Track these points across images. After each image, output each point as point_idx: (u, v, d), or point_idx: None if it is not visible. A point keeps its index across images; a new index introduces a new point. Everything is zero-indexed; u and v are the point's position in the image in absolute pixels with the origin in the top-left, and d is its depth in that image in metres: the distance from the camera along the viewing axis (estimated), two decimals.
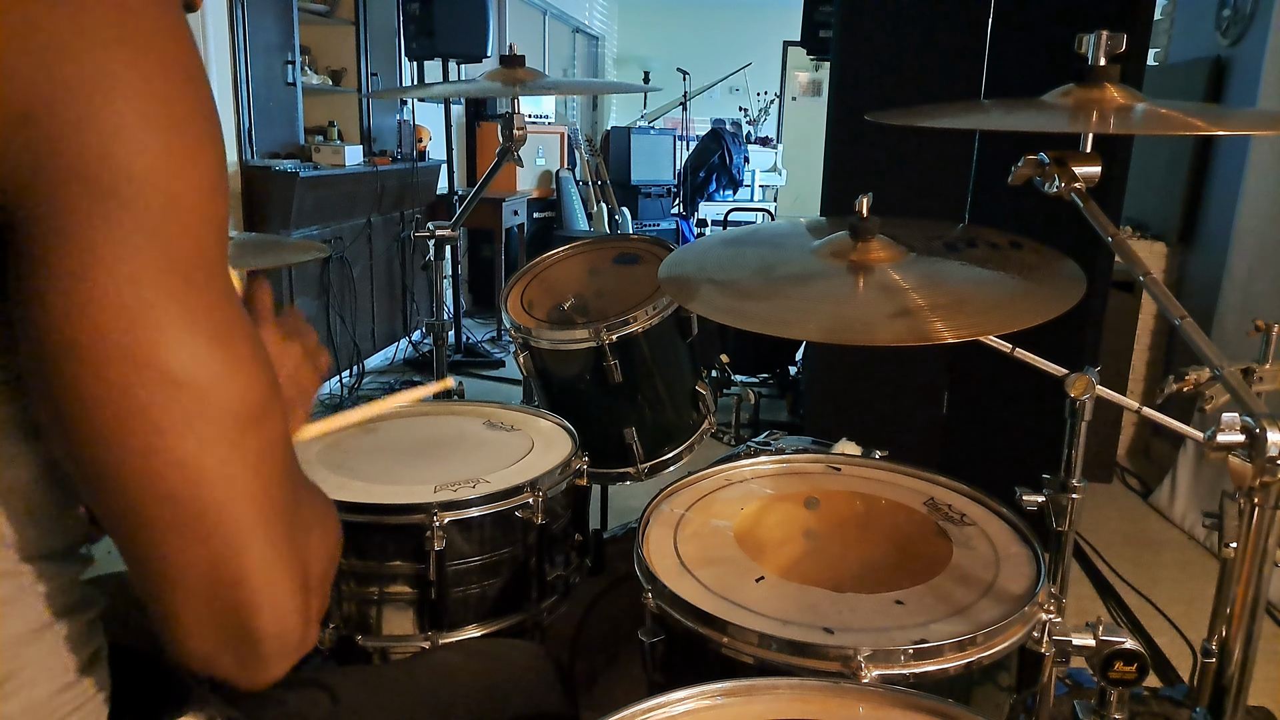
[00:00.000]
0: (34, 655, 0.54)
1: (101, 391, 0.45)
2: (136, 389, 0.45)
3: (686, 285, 1.13)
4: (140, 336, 0.45)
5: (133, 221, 0.44)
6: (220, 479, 0.48)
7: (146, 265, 0.45)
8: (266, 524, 0.50)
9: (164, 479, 0.46)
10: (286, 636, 0.52)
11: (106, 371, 0.44)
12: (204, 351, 0.47)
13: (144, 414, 0.45)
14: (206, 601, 0.50)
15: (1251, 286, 2.69)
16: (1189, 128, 0.94)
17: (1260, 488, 0.79)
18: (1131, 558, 2.54)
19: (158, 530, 0.48)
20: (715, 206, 7.64)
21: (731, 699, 0.72)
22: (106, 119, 0.43)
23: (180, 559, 0.48)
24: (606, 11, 9.27)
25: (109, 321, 0.44)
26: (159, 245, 0.45)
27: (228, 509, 0.48)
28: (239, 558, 0.49)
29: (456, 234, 1.90)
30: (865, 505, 1.19)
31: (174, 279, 0.46)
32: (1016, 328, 0.91)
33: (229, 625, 0.50)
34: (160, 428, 0.46)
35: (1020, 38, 2.30)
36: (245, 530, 0.49)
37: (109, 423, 0.45)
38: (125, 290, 0.44)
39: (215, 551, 0.48)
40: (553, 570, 1.32)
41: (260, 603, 0.50)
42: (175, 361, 0.46)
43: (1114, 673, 0.88)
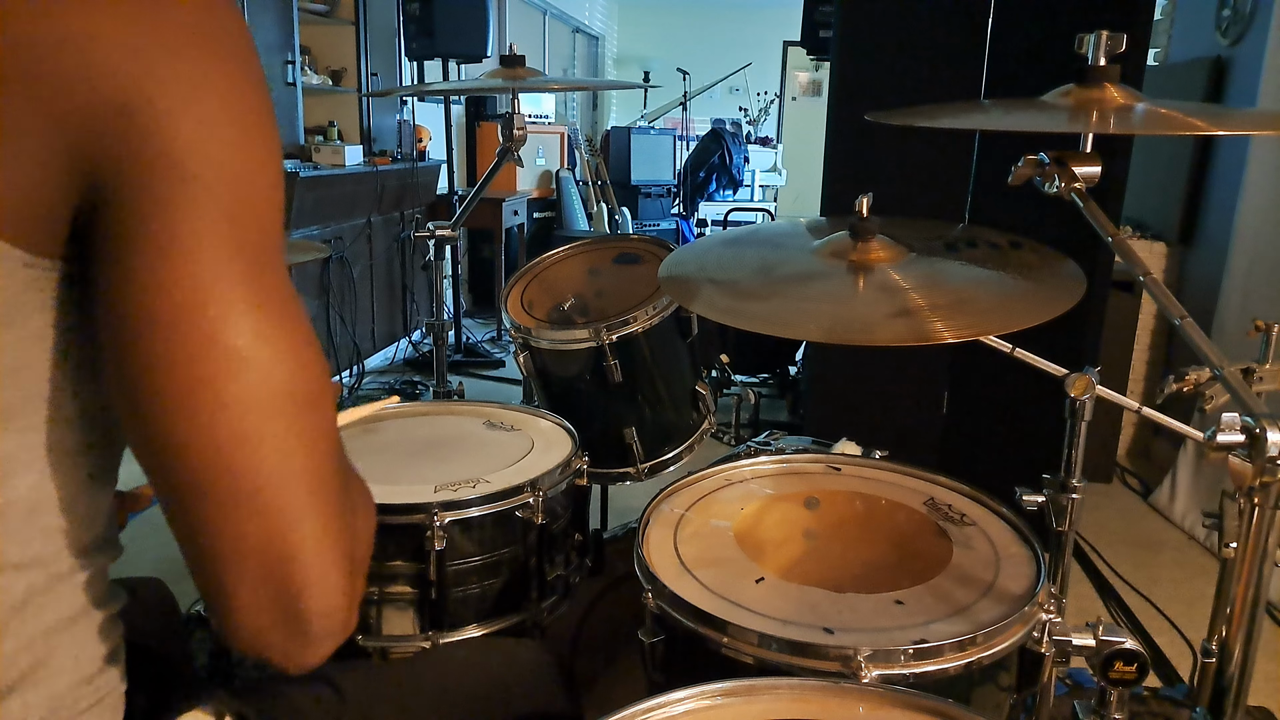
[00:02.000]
0: (63, 645, 0.56)
1: (174, 362, 0.48)
2: (205, 361, 0.48)
3: (686, 285, 1.13)
4: (213, 312, 0.48)
5: (212, 206, 0.48)
6: (277, 454, 0.50)
7: (221, 247, 0.48)
8: (318, 503, 0.52)
9: (225, 452, 0.49)
10: (334, 615, 0.53)
11: (180, 343, 0.47)
12: (268, 331, 0.49)
13: (211, 386, 0.48)
14: (259, 577, 0.51)
15: (1251, 286, 2.69)
16: (1189, 128, 0.94)
17: (1260, 488, 0.79)
18: (1131, 558, 2.54)
19: (215, 503, 0.50)
20: (715, 206, 7.64)
21: (731, 699, 0.72)
22: (196, 113, 0.47)
23: (235, 533, 0.50)
24: (606, 11, 9.26)
25: (186, 297, 0.47)
26: (233, 230, 0.49)
27: (284, 485, 0.50)
28: (292, 534, 0.51)
29: (456, 234, 1.90)
30: (865, 505, 1.19)
31: (244, 262, 0.49)
32: (1016, 328, 0.91)
33: (279, 601, 0.52)
34: (224, 401, 0.48)
35: (1020, 38, 2.30)
36: (299, 507, 0.51)
37: (178, 393, 0.48)
38: (202, 269, 0.48)
39: (270, 526, 0.50)
40: (553, 570, 1.32)
41: (310, 580, 0.52)
42: (242, 339, 0.48)
43: (1114, 673, 0.88)
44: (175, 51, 0.47)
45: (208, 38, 0.49)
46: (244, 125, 0.50)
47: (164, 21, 0.47)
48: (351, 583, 0.55)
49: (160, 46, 0.47)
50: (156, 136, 0.46)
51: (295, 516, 0.51)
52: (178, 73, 0.47)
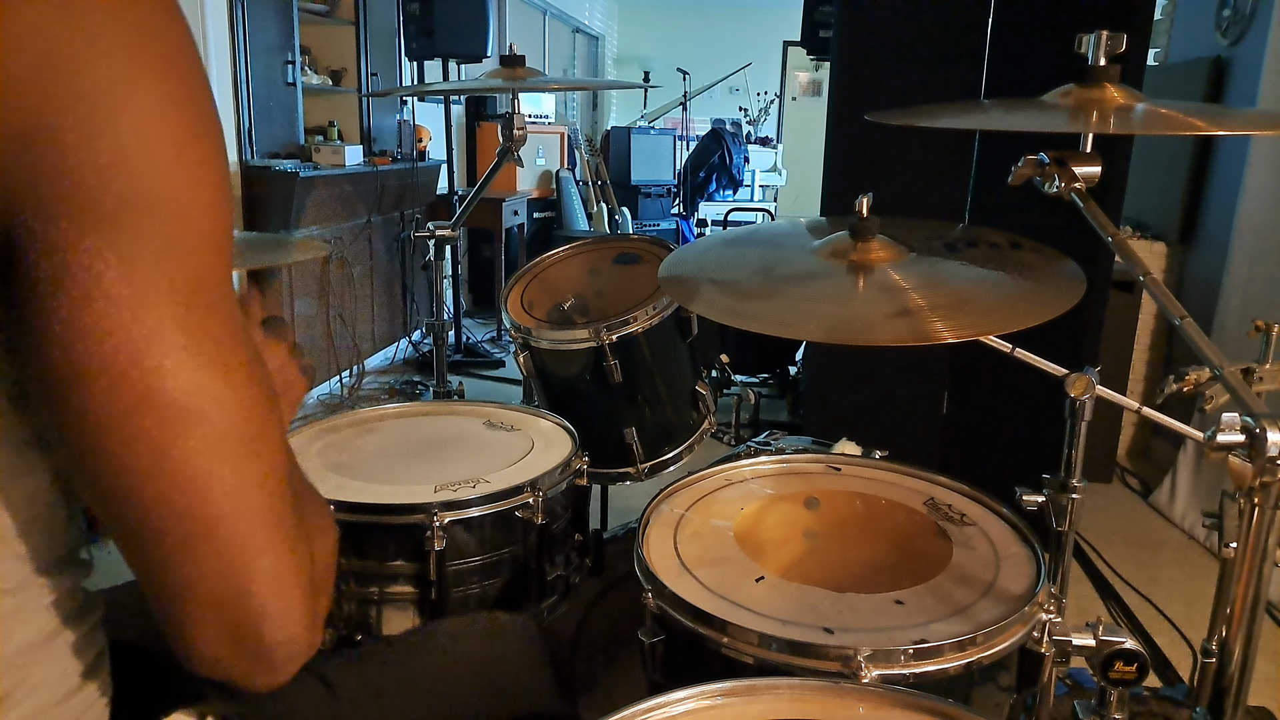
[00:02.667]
0: (40, 664, 0.54)
1: (106, 417, 0.45)
2: (141, 415, 0.45)
3: (686, 285, 1.13)
4: (143, 364, 0.45)
5: (135, 247, 0.44)
6: (225, 497, 0.48)
7: (151, 291, 0.44)
8: (271, 537, 0.51)
9: (171, 498, 0.47)
10: (294, 643, 0.53)
11: (110, 398, 0.45)
12: (205, 377, 0.47)
13: (148, 438, 0.46)
14: (216, 613, 0.50)
15: (1251, 286, 2.69)
16: (1189, 128, 0.94)
17: (1260, 488, 0.79)
18: (1131, 558, 2.54)
19: (167, 546, 0.48)
20: (715, 206, 7.64)
21: (731, 699, 0.72)
22: (109, 140, 0.42)
23: (189, 573, 0.49)
24: (606, 11, 9.26)
25: (112, 349, 0.44)
26: (163, 269, 0.45)
27: (234, 525, 0.49)
28: (246, 570, 0.50)
29: (456, 234, 1.90)
30: (865, 505, 1.19)
31: (176, 305, 0.45)
32: (1016, 328, 0.91)
33: (238, 634, 0.51)
34: (165, 451, 0.46)
35: (1020, 38, 2.30)
36: (252, 545, 0.50)
37: (115, 446, 0.46)
38: (128, 317, 0.44)
39: (224, 565, 0.49)
40: (553, 570, 1.32)
41: (268, 612, 0.51)
42: (177, 388, 0.46)
43: (1114, 673, 0.88)
44: (91, 60, 0.41)
45: (127, 40, 0.43)
46: (171, 144, 0.44)
47: (71, 26, 0.41)
48: (311, 607, 0.54)
49: (67, 57, 0.41)
50: (65, 170, 0.41)
51: (249, 554, 0.50)
52: (91, 86, 0.41)
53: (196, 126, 0.46)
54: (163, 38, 0.44)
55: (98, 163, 0.42)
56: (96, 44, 0.42)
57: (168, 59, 0.45)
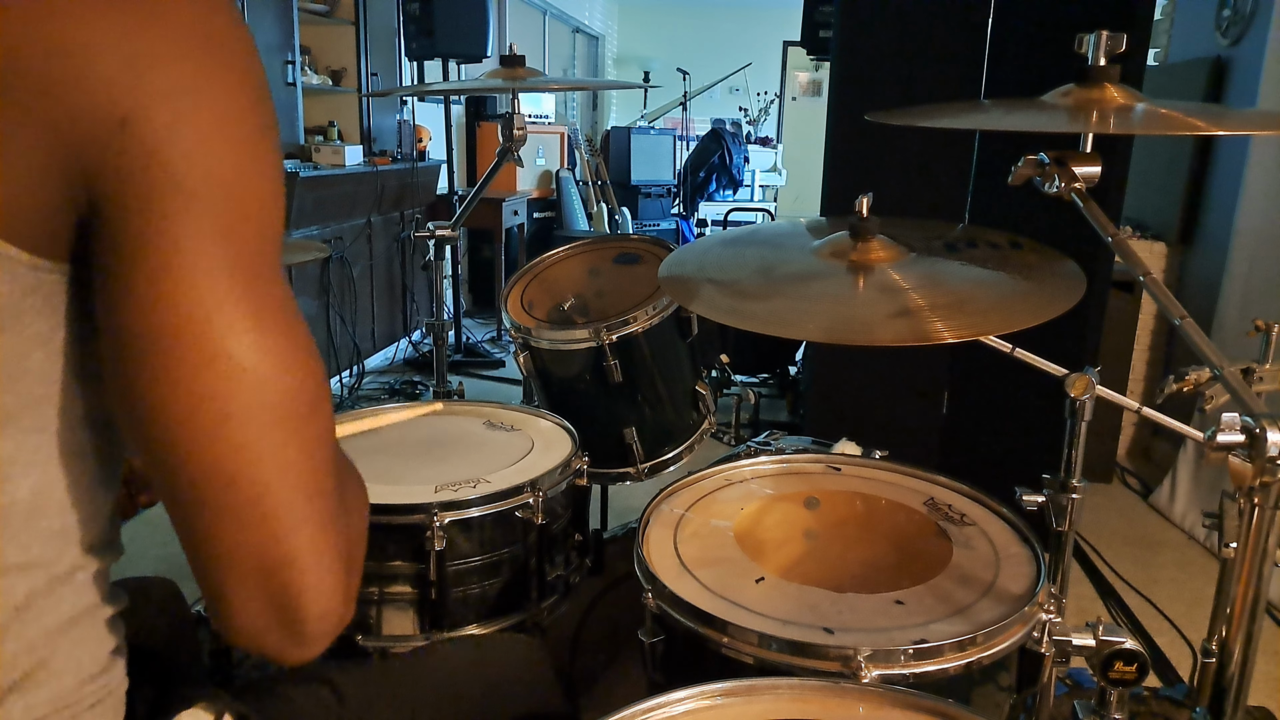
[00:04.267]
0: (65, 647, 0.56)
1: (176, 378, 0.48)
2: (207, 375, 0.48)
3: (686, 285, 1.13)
4: (214, 327, 0.48)
5: (212, 222, 0.48)
6: (276, 464, 0.51)
7: (222, 262, 0.48)
8: (315, 509, 0.53)
9: (225, 463, 0.50)
10: (330, 616, 0.55)
11: (182, 359, 0.48)
12: (268, 343, 0.50)
13: (213, 400, 0.49)
14: (257, 582, 0.52)
15: (1251, 286, 2.69)
16: (1189, 128, 0.94)
17: (1260, 488, 0.79)
18: (1131, 558, 2.54)
19: (214, 511, 0.51)
20: (715, 206, 7.64)
21: (731, 699, 0.72)
22: (195, 125, 0.47)
23: (234, 540, 0.51)
24: (606, 11, 9.26)
25: (188, 313, 0.48)
26: (234, 244, 0.49)
27: (282, 493, 0.51)
28: (289, 540, 0.52)
29: (456, 234, 1.90)
30: (865, 505, 1.19)
31: (244, 276, 0.49)
32: (1016, 328, 0.91)
33: (277, 604, 0.53)
34: (226, 413, 0.49)
35: (1020, 38, 2.30)
36: (296, 514, 0.52)
37: (181, 408, 0.48)
38: (203, 285, 0.48)
39: (267, 534, 0.51)
40: (553, 570, 1.32)
41: (307, 585, 0.53)
42: (243, 353, 0.49)
43: (1114, 673, 0.88)
44: (172, 60, 0.46)
45: (206, 44, 0.48)
46: (243, 135, 0.49)
47: (160, 29, 0.46)
48: (348, 582, 0.56)
49: (156, 55, 0.46)
50: (155, 151, 0.46)
51: (293, 524, 0.52)
52: (175, 83, 0.46)
53: (263, 123, 0.50)
54: (234, 44, 0.50)
55: (182, 146, 0.46)
56: (178, 47, 0.47)
57: (239, 63, 0.50)
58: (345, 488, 0.58)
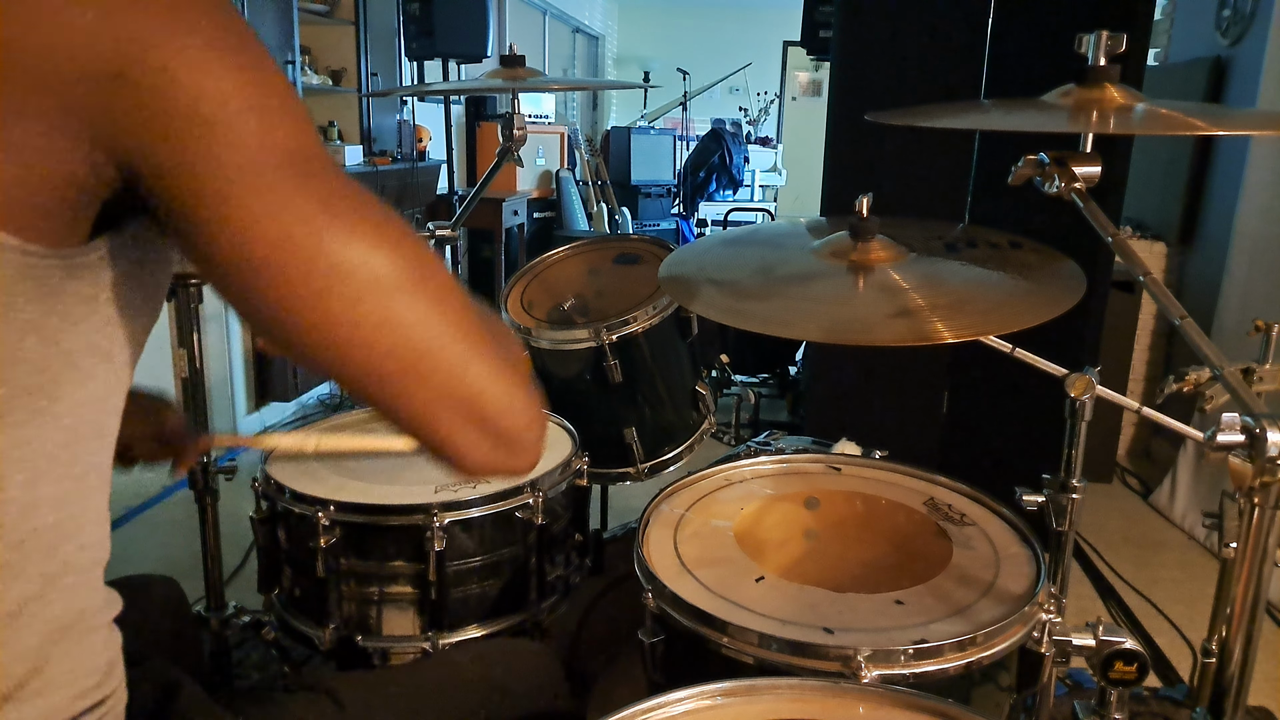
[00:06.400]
0: (59, 654, 0.55)
1: (287, 294, 0.50)
2: (314, 279, 0.50)
3: (686, 285, 1.13)
4: (295, 237, 0.49)
5: (241, 141, 0.48)
6: (417, 325, 0.53)
7: (267, 174, 0.49)
8: (474, 343, 0.56)
9: (374, 343, 0.52)
10: (532, 426, 0.59)
11: (285, 276, 0.49)
12: (350, 227, 0.51)
13: (329, 297, 0.50)
14: (461, 421, 0.56)
15: (1251, 286, 2.69)
16: (1189, 128, 0.94)
17: (1260, 488, 0.79)
18: (1131, 558, 2.54)
19: (395, 381, 0.54)
20: (715, 206, 7.64)
21: (731, 699, 0.72)
22: (187, 57, 0.46)
23: (422, 398, 0.55)
24: (606, 11, 9.26)
25: (261, 233, 0.48)
26: (271, 154, 0.49)
27: (436, 346, 0.54)
28: (465, 379, 0.55)
29: (456, 234, 1.89)
30: (865, 505, 1.19)
31: (295, 179, 0.50)
32: (1016, 328, 0.91)
33: (487, 431, 0.57)
34: (350, 300, 0.51)
35: (1020, 37, 2.30)
36: (460, 354, 0.55)
37: (306, 317, 0.51)
38: (260, 203, 0.48)
39: (446, 381, 0.55)
40: (553, 570, 1.32)
41: (502, 406, 0.57)
42: (335, 246, 0.50)
43: (1114, 673, 0.88)
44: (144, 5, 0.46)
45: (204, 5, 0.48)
46: (237, 51, 0.49)
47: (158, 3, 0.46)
48: (529, 394, 0.60)
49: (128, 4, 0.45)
50: (159, 96, 0.46)
51: (460, 365, 0.55)
52: (154, 25, 0.46)
53: (246, 36, 0.50)
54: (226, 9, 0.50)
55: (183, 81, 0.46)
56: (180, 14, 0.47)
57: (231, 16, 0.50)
58: (492, 322, 0.60)
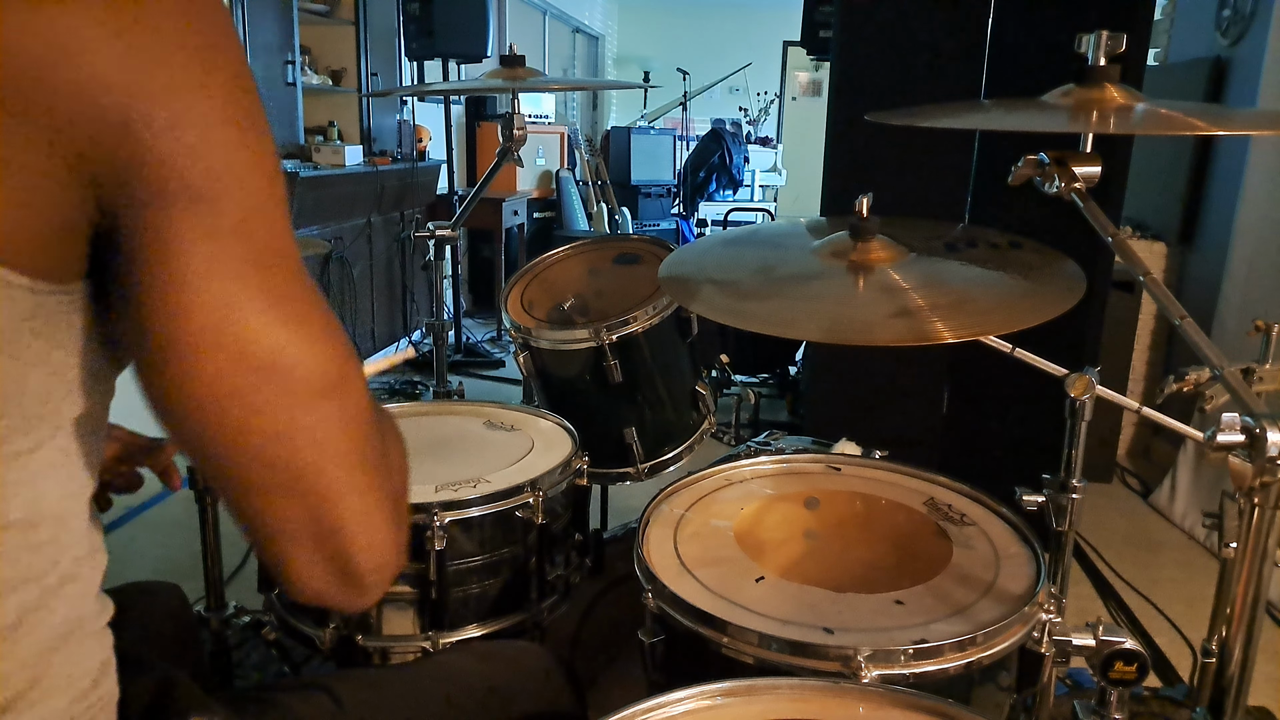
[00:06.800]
0: (57, 662, 0.55)
1: (202, 381, 0.49)
2: (231, 376, 0.49)
3: (686, 285, 1.13)
4: (232, 330, 0.49)
5: (221, 222, 0.48)
6: (311, 445, 0.52)
7: (233, 262, 0.48)
8: (356, 477, 0.55)
9: (262, 450, 0.51)
10: (384, 569, 0.58)
11: (204, 363, 0.49)
12: (286, 336, 0.50)
13: (239, 397, 0.50)
14: (311, 549, 0.55)
15: (1251, 286, 2.69)
16: (1189, 128, 0.94)
17: (1260, 488, 0.79)
18: (1131, 558, 2.54)
19: (262, 492, 0.53)
20: (715, 206, 7.64)
21: (731, 699, 0.72)
22: (194, 124, 0.46)
23: (284, 514, 0.54)
24: (606, 11, 9.26)
25: (203, 319, 0.48)
26: (243, 241, 0.49)
27: (321, 469, 0.53)
28: (335, 510, 0.54)
29: (456, 234, 1.90)
30: (865, 505, 1.19)
31: (258, 271, 0.49)
32: (1016, 328, 0.91)
33: (335, 567, 0.56)
34: (255, 407, 0.50)
35: (1020, 38, 2.30)
36: (338, 486, 0.54)
37: (209, 407, 0.50)
38: (216, 288, 0.48)
39: (314, 506, 0.54)
40: (553, 570, 1.32)
41: (359, 545, 0.56)
42: (265, 349, 0.50)
43: (1114, 673, 0.88)
44: (166, 58, 0.46)
45: (197, 40, 0.47)
46: (241, 129, 0.49)
47: (150, 24, 0.45)
48: (397, 537, 0.59)
49: (149, 53, 0.45)
50: (158, 154, 0.46)
51: (336, 494, 0.54)
52: (171, 80, 0.46)
53: (254, 109, 0.50)
54: (223, 40, 0.49)
55: (186, 143, 0.46)
56: (170, 44, 0.46)
57: (230, 57, 0.49)
58: (387, 448, 0.59)
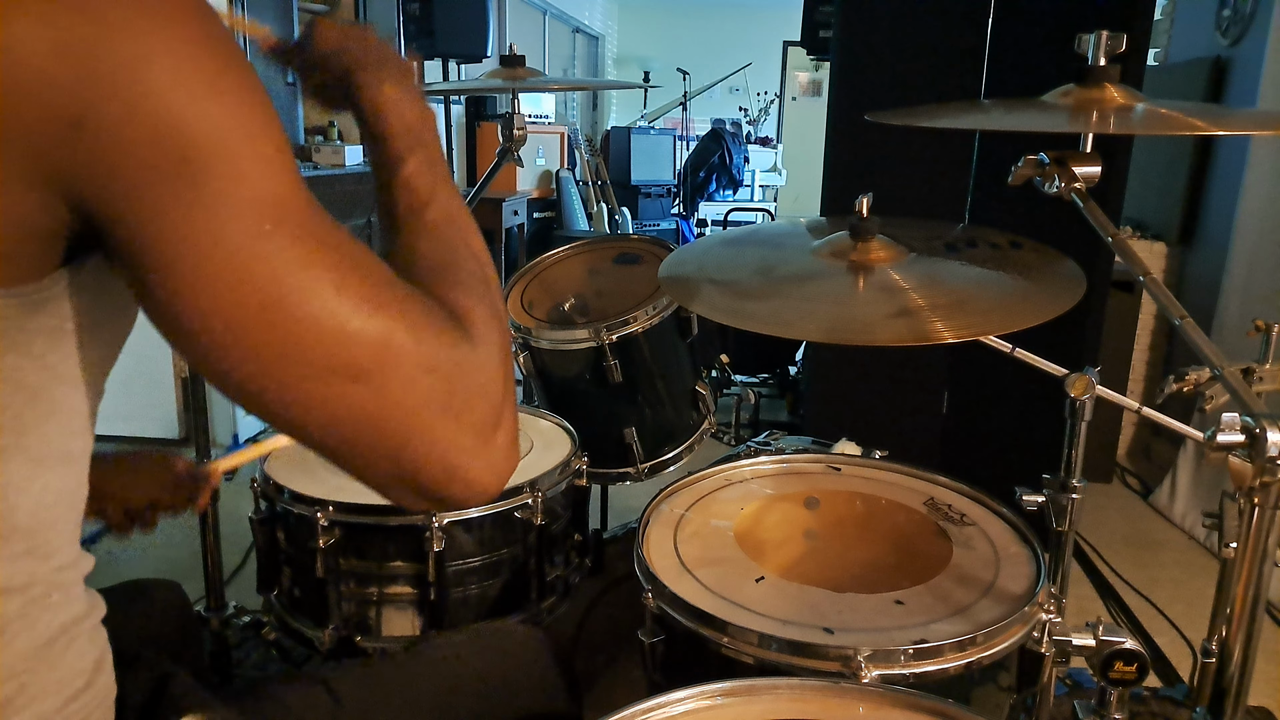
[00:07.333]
0: (44, 668, 0.55)
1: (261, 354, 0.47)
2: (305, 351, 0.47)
3: (686, 285, 1.13)
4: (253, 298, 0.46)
5: (208, 194, 0.44)
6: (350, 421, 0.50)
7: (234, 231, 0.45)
8: (422, 419, 0.52)
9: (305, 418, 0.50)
10: (477, 486, 0.55)
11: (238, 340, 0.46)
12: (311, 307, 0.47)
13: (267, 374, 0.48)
14: (408, 489, 0.54)
15: (1251, 286, 2.69)
16: (1189, 128, 0.94)
17: (1260, 488, 0.79)
18: (1131, 558, 2.53)
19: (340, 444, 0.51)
20: (715, 206, 7.64)
21: (731, 699, 0.72)
22: (148, 108, 0.43)
23: (368, 462, 0.52)
24: (606, 11, 9.26)
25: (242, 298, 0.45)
26: (240, 208, 0.45)
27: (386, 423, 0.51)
28: (405, 453, 0.52)
29: None
30: (865, 505, 1.19)
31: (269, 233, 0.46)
32: (1016, 328, 0.91)
33: (432, 497, 0.55)
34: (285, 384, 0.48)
35: (1020, 37, 2.30)
36: (404, 434, 0.51)
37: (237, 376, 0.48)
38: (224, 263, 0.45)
39: (389, 454, 0.52)
40: (553, 570, 1.32)
41: (441, 480, 0.54)
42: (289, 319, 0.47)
43: (1114, 673, 0.88)
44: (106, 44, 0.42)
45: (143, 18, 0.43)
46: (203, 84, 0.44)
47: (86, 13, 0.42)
48: (486, 448, 0.56)
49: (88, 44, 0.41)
50: (122, 144, 0.42)
51: (405, 441, 0.52)
52: (115, 66, 0.42)
53: (220, 60, 0.46)
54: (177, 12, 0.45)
55: (144, 132, 0.43)
56: (114, 28, 0.42)
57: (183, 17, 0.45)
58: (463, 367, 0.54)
